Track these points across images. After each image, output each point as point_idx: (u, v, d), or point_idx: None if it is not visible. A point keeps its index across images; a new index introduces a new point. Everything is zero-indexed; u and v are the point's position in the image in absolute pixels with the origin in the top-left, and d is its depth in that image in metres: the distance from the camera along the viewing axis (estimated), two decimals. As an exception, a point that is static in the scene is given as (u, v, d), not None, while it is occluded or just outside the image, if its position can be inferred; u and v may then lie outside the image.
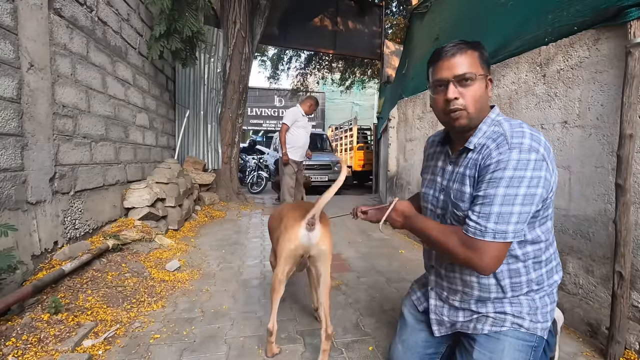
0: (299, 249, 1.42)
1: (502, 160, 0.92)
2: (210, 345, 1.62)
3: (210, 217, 4.44)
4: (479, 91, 1.01)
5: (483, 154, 0.98)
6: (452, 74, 1.01)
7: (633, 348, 1.51)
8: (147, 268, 2.43)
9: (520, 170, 0.90)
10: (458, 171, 1.08)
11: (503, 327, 1.05)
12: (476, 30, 2.75)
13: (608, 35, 1.63)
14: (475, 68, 1.00)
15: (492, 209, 0.92)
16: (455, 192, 1.07)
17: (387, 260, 2.93)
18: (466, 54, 1.01)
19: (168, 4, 3.32)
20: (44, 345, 1.48)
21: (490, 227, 0.92)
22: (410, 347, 1.25)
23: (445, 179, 1.14)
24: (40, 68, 2.08)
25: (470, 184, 1.02)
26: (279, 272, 1.47)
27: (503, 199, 0.91)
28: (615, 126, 1.57)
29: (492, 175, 0.93)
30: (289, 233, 1.43)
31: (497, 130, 1.00)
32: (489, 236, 0.92)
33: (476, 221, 0.94)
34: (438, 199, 1.16)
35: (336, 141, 13.05)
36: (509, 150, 0.92)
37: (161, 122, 4.38)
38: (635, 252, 1.51)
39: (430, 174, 1.24)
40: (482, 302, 1.09)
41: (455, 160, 1.11)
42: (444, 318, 1.18)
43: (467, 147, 1.05)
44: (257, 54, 11.11)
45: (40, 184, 2.06)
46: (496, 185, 0.92)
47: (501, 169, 0.92)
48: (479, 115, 1.03)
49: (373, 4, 8.63)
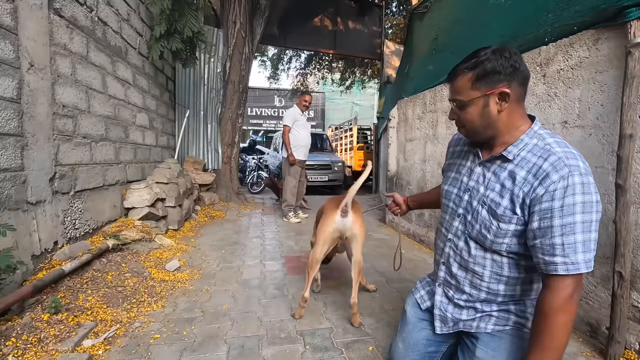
0: (335, 232, 1.77)
1: (569, 185, 0.88)
2: (210, 345, 1.62)
3: (210, 217, 4.44)
4: (474, 113, 1.01)
5: (537, 176, 0.93)
6: (450, 98, 1.08)
7: (633, 348, 1.51)
8: (147, 268, 2.43)
9: (587, 194, 0.88)
10: (491, 178, 1.05)
11: (506, 326, 1.06)
12: (476, 30, 2.75)
13: (608, 35, 1.63)
14: (464, 94, 1.01)
15: (576, 237, 0.88)
16: (489, 200, 1.04)
17: (387, 260, 2.93)
18: (458, 79, 1.03)
19: (168, 4, 3.32)
20: (44, 345, 1.48)
21: (580, 258, 0.88)
22: (411, 345, 1.25)
23: (473, 180, 1.11)
24: (40, 68, 2.08)
25: (510, 198, 0.98)
26: (317, 251, 1.79)
27: (582, 226, 0.88)
28: (615, 126, 1.57)
29: (564, 202, 0.88)
30: (328, 219, 1.77)
31: (542, 146, 0.96)
32: (583, 268, 0.89)
33: (564, 255, 0.89)
34: (462, 199, 1.14)
35: (336, 141, 13.06)
36: (570, 174, 0.88)
37: (161, 122, 4.38)
38: (635, 252, 1.51)
39: (455, 172, 1.22)
40: (487, 303, 1.09)
41: (487, 163, 1.08)
42: (447, 315, 1.17)
43: (504, 156, 1.02)
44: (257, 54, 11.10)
45: (40, 184, 2.06)
46: (572, 212, 0.88)
47: (571, 195, 0.88)
48: (485, 131, 1.03)
49: (373, 4, 8.62)
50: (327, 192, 8.08)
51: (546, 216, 0.90)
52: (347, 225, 1.76)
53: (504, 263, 1.04)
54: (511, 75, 0.97)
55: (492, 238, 1.02)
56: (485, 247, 1.06)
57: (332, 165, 8.20)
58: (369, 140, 10.94)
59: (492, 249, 1.04)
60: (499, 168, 1.04)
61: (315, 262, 1.81)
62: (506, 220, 0.99)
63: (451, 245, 1.17)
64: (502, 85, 0.97)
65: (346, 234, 1.78)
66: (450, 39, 3.24)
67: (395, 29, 9.93)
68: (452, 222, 1.17)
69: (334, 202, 1.85)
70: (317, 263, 1.82)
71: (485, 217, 1.04)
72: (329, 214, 1.78)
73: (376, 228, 4.33)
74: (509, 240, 1.00)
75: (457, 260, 1.15)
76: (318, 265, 1.84)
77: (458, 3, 3.26)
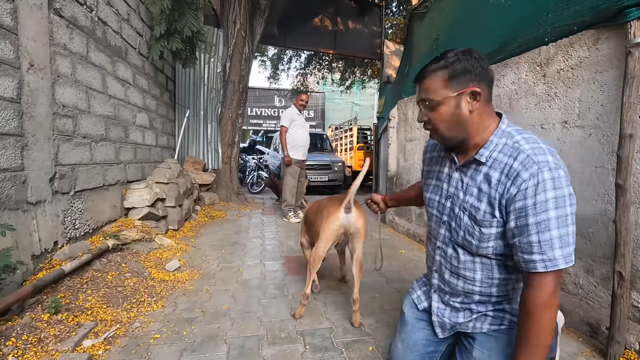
0: (340, 229, 1.79)
1: (539, 182, 0.88)
2: (210, 345, 1.62)
3: (210, 217, 4.44)
4: (446, 113, 1.00)
5: (509, 176, 0.94)
6: (418, 99, 1.06)
7: (633, 348, 1.51)
8: (147, 268, 2.43)
9: (559, 189, 0.88)
10: (469, 183, 1.05)
11: (502, 325, 1.07)
12: (476, 30, 2.75)
13: (608, 35, 1.63)
14: (436, 93, 0.99)
15: (552, 234, 0.88)
16: (468, 205, 1.04)
17: (387, 260, 2.93)
18: (429, 78, 1.01)
19: (168, 4, 3.32)
20: (44, 345, 1.48)
21: (558, 254, 0.88)
22: (410, 345, 1.25)
23: (452, 187, 1.11)
24: (40, 68, 2.08)
25: (487, 202, 0.99)
26: (320, 249, 1.80)
27: (557, 221, 0.87)
28: (615, 126, 1.57)
29: (536, 199, 0.89)
30: (332, 216, 1.78)
31: (511, 145, 0.97)
32: (562, 263, 0.88)
33: (541, 252, 0.89)
34: (444, 206, 1.14)
35: (336, 141, 13.05)
36: (539, 171, 0.89)
37: (161, 122, 4.38)
38: (635, 252, 1.51)
39: (435, 179, 1.22)
40: (482, 304, 1.10)
41: (463, 168, 1.08)
42: (445, 320, 1.18)
43: (477, 159, 1.02)
44: (257, 54, 11.10)
45: (40, 184, 2.06)
46: (545, 208, 0.88)
47: (542, 192, 0.88)
48: (457, 133, 1.02)
49: (373, 4, 8.62)
50: (327, 192, 8.07)
51: (521, 215, 0.91)
52: (351, 221, 1.79)
53: (494, 265, 1.04)
54: (481, 75, 0.98)
55: (477, 243, 1.02)
56: (472, 253, 1.06)
57: (332, 165, 8.20)
58: (369, 140, 10.94)
59: (479, 254, 1.04)
60: (475, 172, 1.04)
61: (318, 260, 1.83)
62: (487, 224, 0.99)
63: (440, 252, 1.18)
64: (472, 85, 0.97)
65: (350, 229, 1.81)
66: (450, 39, 3.24)
67: (395, 29, 9.92)
68: (439, 229, 1.17)
69: (334, 201, 1.87)
70: (320, 260, 1.84)
71: (468, 223, 1.04)
72: (332, 211, 1.80)
73: (376, 228, 4.33)
74: (493, 244, 1.00)
75: (447, 267, 1.15)
76: (320, 263, 1.85)
77: (458, 3, 3.26)
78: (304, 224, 2.27)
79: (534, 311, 0.90)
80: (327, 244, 1.82)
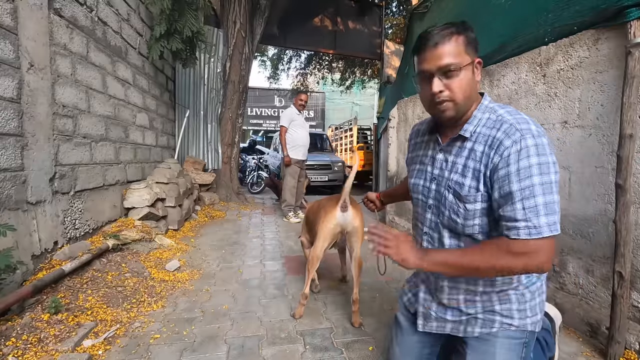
0: (337, 227, 1.81)
1: (522, 148, 0.86)
2: (210, 345, 1.62)
3: (210, 217, 4.44)
4: (465, 80, 0.94)
5: (492, 146, 0.92)
6: (436, 66, 0.94)
7: (633, 348, 1.51)
8: (147, 268, 2.43)
9: (542, 155, 0.85)
10: (455, 161, 1.02)
11: (493, 328, 1.03)
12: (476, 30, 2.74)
13: (608, 35, 1.63)
14: (460, 57, 0.93)
15: (537, 200, 0.84)
16: (453, 183, 1.01)
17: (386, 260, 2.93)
18: (450, 42, 0.93)
19: (168, 4, 3.32)
20: (44, 345, 1.48)
21: (543, 221, 0.83)
22: (406, 349, 1.23)
23: (437, 168, 1.08)
24: (40, 68, 2.08)
25: (472, 176, 0.96)
26: (317, 248, 1.83)
27: (542, 187, 0.84)
28: (615, 126, 1.57)
29: (519, 165, 0.86)
30: (329, 215, 1.81)
31: (495, 118, 0.95)
32: (546, 231, 0.83)
33: (525, 219, 0.84)
34: (429, 189, 1.10)
35: (336, 141, 13.06)
36: (522, 137, 0.87)
37: (161, 122, 4.38)
38: (635, 252, 1.51)
39: (419, 163, 1.19)
40: (470, 301, 1.05)
41: (447, 148, 1.05)
42: (432, 313, 1.14)
43: (462, 135, 0.99)
44: (257, 54, 11.10)
45: (40, 184, 2.06)
46: (529, 174, 0.84)
47: (525, 157, 0.85)
48: (468, 103, 0.98)
49: (373, 4, 8.62)
50: (327, 192, 8.07)
51: (504, 182, 0.88)
52: (347, 220, 1.81)
53: None
54: (478, 49, 0.98)
55: (462, 221, 0.99)
56: (458, 233, 1.03)
57: (332, 165, 8.20)
58: (369, 140, 10.94)
59: (465, 234, 1.01)
60: (460, 149, 1.01)
61: (316, 259, 1.84)
62: (471, 200, 0.96)
63: (428, 238, 1.14)
64: (477, 56, 0.97)
65: (347, 228, 1.83)
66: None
67: (395, 29, 9.92)
68: (425, 214, 1.13)
69: (331, 201, 1.89)
70: (318, 260, 1.85)
71: (452, 201, 1.01)
72: (329, 210, 1.82)
73: (376, 228, 4.32)
74: (479, 221, 0.97)
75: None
76: (318, 262, 1.87)
77: (458, 3, 3.26)
78: (305, 224, 2.28)
79: (495, 254, 0.87)
80: (325, 243, 1.83)
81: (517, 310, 1.01)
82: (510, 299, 1.01)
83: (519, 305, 1.01)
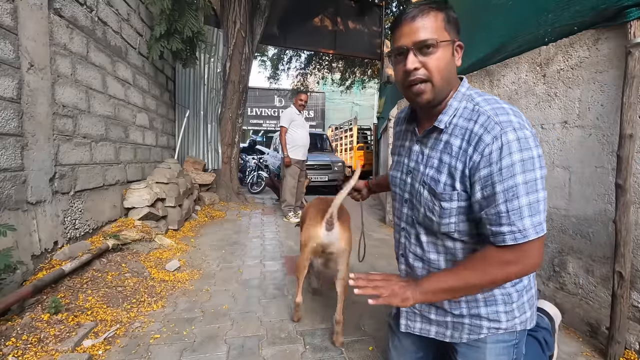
0: (318, 247, 1.62)
1: (503, 145, 0.80)
2: (210, 345, 1.62)
3: (210, 217, 4.44)
4: (444, 60, 0.87)
5: (470, 142, 0.86)
6: (411, 41, 0.87)
7: (633, 348, 1.51)
8: (147, 268, 2.43)
9: (525, 150, 0.80)
10: (430, 155, 0.96)
11: (480, 335, 0.99)
12: (476, 30, 2.75)
13: (608, 35, 1.63)
14: (439, 33, 0.86)
15: (521, 201, 0.79)
16: (428, 178, 0.94)
17: (386, 260, 2.93)
18: (428, 17, 0.87)
19: (168, 4, 3.32)
20: (44, 345, 1.48)
21: (527, 223, 0.79)
22: (402, 353, 1.23)
23: (413, 161, 1.01)
24: (40, 68, 2.08)
25: (448, 172, 0.90)
26: (301, 259, 1.70)
27: (526, 187, 0.79)
28: (615, 126, 1.57)
29: (501, 164, 0.80)
30: (311, 232, 1.62)
31: (471, 108, 0.89)
32: (532, 234, 0.80)
33: (509, 222, 0.80)
34: (405, 182, 1.04)
35: (336, 141, 13.07)
36: (502, 132, 0.81)
37: (161, 122, 4.38)
38: (635, 252, 1.51)
39: (397, 154, 1.12)
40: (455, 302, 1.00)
41: (423, 139, 0.98)
42: (415, 310, 1.09)
43: (436, 127, 0.92)
44: (257, 54, 11.11)
45: (40, 184, 2.06)
46: (511, 173, 0.79)
47: (507, 155, 0.80)
48: (446, 87, 0.91)
49: (373, 4, 8.62)
50: (327, 192, 8.07)
51: (487, 183, 0.83)
52: (331, 240, 1.59)
53: (457, 249, 0.96)
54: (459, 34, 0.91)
55: (438, 220, 0.93)
56: (434, 232, 0.97)
57: (332, 165, 8.20)
58: (369, 140, 10.95)
59: (441, 232, 0.95)
60: (435, 142, 0.94)
61: (302, 268, 1.72)
62: (447, 198, 0.90)
63: (405, 234, 1.07)
64: (458, 39, 0.91)
65: (330, 249, 1.62)
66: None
67: (395, 29, 9.90)
68: (402, 209, 1.07)
69: (318, 209, 1.69)
70: (304, 268, 1.72)
71: (427, 198, 0.95)
72: (313, 224, 1.62)
73: (376, 228, 4.32)
74: (455, 219, 0.91)
75: (411, 250, 1.05)
76: (305, 271, 1.73)
77: (458, 3, 3.26)
78: (302, 222, 2.25)
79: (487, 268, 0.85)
80: (307, 255, 1.67)
81: (504, 312, 0.96)
82: (496, 300, 0.96)
83: (505, 307, 0.96)
